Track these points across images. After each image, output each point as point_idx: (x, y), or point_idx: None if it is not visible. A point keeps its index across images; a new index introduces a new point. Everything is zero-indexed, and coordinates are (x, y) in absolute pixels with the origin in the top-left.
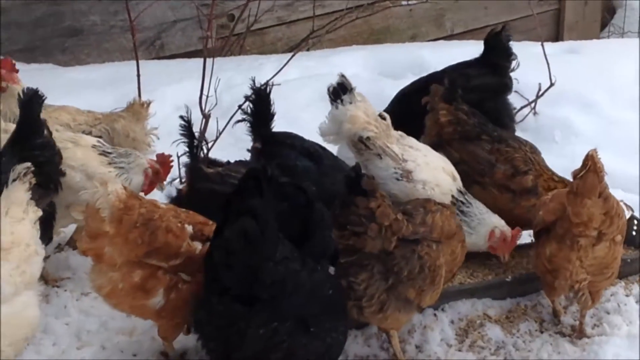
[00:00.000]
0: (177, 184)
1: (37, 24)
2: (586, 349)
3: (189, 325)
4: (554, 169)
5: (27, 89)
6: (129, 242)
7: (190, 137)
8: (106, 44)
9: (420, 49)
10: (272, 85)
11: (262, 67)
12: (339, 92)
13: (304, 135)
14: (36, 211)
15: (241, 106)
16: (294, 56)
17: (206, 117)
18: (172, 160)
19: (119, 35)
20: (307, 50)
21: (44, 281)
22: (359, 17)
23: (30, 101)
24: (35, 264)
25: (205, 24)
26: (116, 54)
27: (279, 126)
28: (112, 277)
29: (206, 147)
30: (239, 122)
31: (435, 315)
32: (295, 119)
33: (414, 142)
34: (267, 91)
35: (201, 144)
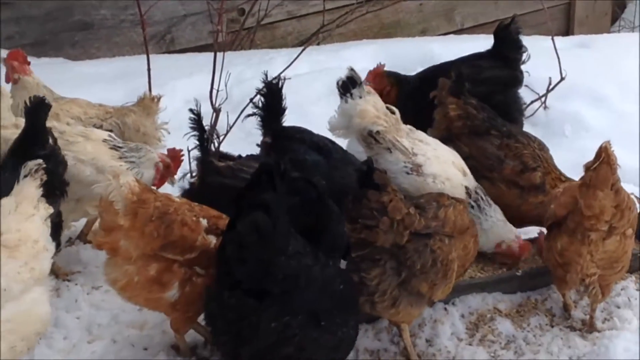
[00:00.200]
0: (188, 178)
1: (47, 18)
2: (597, 343)
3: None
4: (564, 163)
5: (34, 97)
6: (144, 236)
7: (200, 131)
8: (116, 38)
9: (430, 43)
10: (284, 79)
11: (272, 62)
12: (348, 86)
13: (314, 129)
14: (47, 208)
15: (252, 99)
16: (304, 50)
17: (216, 111)
18: (183, 154)
19: (129, 29)
20: (318, 44)
21: (54, 275)
22: (369, 11)
23: (35, 110)
24: (44, 260)
25: (215, 18)
26: (126, 48)
27: (289, 120)
28: (127, 270)
29: (217, 140)
30: (249, 116)
31: (445, 309)
32: (305, 113)
33: (424, 136)
34: (279, 85)
35: (211, 137)
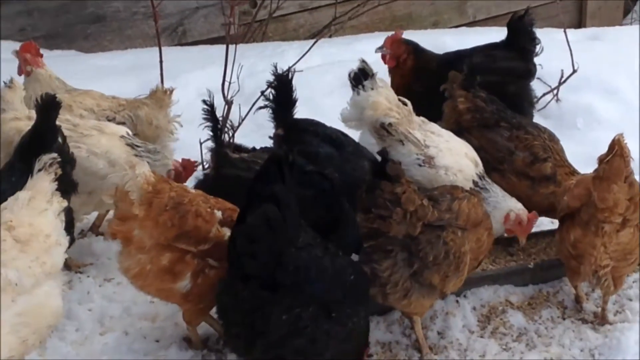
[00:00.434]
0: (201, 170)
1: (60, 11)
2: (608, 335)
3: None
4: (577, 156)
5: (45, 94)
6: (159, 225)
7: (214, 122)
8: (129, 31)
9: (442, 36)
10: (294, 71)
11: (284, 54)
12: (360, 77)
13: (326, 121)
14: (61, 202)
15: (264, 92)
16: (316, 43)
17: (229, 103)
18: (197, 165)
19: (142, 21)
20: (330, 36)
21: (67, 267)
22: (381, 4)
23: (46, 108)
24: (56, 254)
25: (227, 10)
26: (139, 41)
27: (301, 113)
28: (140, 259)
29: (232, 132)
30: (261, 108)
31: (457, 301)
32: (317, 106)
33: (437, 127)
34: (289, 77)
35: (224, 129)
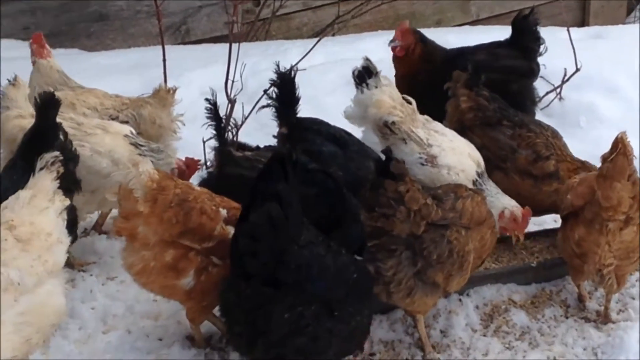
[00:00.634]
0: (204, 168)
1: (63, 9)
2: (611, 334)
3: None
4: (580, 154)
5: (44, 93)
6: (163, 222)
7: (217, 120)
8: (132, 29)
9: (445, 34)
10: (297, 69)
11: (287, 52)
12: (364, 75)
13: (330, 120)
14: (63, 200)
15: (266, 91)
16: (320, 41)
17: (232, 102)
18: (200, 165)
19: (145, 20)
20: (333, 35)
21: (70, 266)
22: (384, 2)
23: (44, 107)
24: (58, 252)
25: (230, 9)
26: (142, 39)
27: (305, 111)
28: (144, 255)
29: (235, 130)
30: (264, 107)
31: (460, 300)
32: (320, 104)
33: (440, 126)
34: (292, 75)
35: (227, 128)
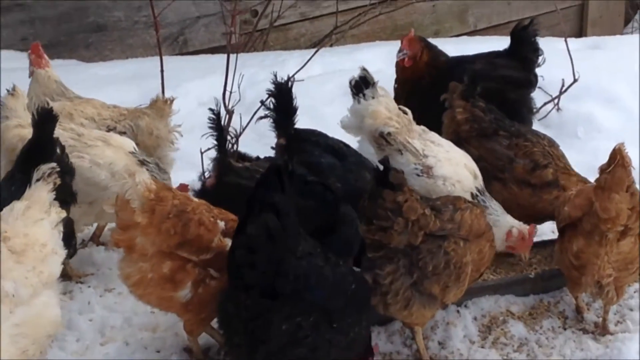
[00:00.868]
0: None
1: (61, 20)
2: (609, 345)
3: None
4: (578, 165)
5: (41, 108)
6: (161, 233)
7: (218, 130)
8: (130, 40)
9: (443, 45)
10: (294, 80)
11: (285, 63)
12: (361, 86)
13: (328, 131)
14: (59, 212)
15: (264, 102)
16: (317, 52)
17: (229, 113)
18: (190, 191)
19: (143, 31)
20: (331, 46)
21: (67, 277)
22: (382, 13)
23: (42, 121)
24: (53, 263)
25: (228, 19)
26: (140, 50)
27: (303, 122)
28: (141, 266)
29: (235, 140)
30: (262, 118)
31: (458, 311)
32: (318, 115)
33: (437, 137)
34: (289, 86)
35: (225, 139)
